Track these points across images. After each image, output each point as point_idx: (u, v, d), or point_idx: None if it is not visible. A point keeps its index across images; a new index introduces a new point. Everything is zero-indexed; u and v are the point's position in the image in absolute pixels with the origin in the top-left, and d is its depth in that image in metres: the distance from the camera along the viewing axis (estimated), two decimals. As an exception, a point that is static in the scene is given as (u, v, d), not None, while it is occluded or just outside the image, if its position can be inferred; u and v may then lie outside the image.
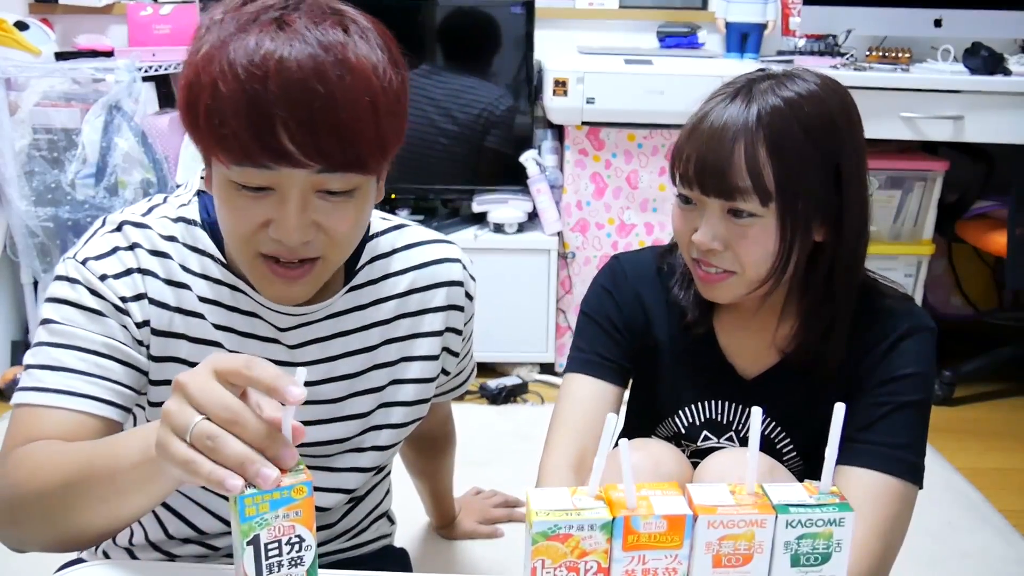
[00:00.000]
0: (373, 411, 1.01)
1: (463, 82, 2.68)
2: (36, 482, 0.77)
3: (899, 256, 2.63)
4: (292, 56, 0.74)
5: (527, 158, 2.65)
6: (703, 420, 1.12)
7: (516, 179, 2.69)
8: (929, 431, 1.02)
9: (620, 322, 1.12)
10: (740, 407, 1.10)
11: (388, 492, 1.20)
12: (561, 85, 2.51)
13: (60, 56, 2.48)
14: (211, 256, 0.92)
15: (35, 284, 2.57)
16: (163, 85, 2.82)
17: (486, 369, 2.70)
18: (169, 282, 0.90)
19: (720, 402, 1.11)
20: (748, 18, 2.77)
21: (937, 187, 2.56)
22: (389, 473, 1.19)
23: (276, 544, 0.65)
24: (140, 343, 0.90)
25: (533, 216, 2.72)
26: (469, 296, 1.07)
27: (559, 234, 2.68)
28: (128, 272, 0.89)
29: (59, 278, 0.89)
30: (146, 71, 2.52)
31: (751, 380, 1.09)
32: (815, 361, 1.03)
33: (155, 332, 0.90)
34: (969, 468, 2.27)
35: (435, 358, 1.04)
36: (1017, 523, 2.04)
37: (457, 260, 1.05)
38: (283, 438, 0.63)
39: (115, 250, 0.89)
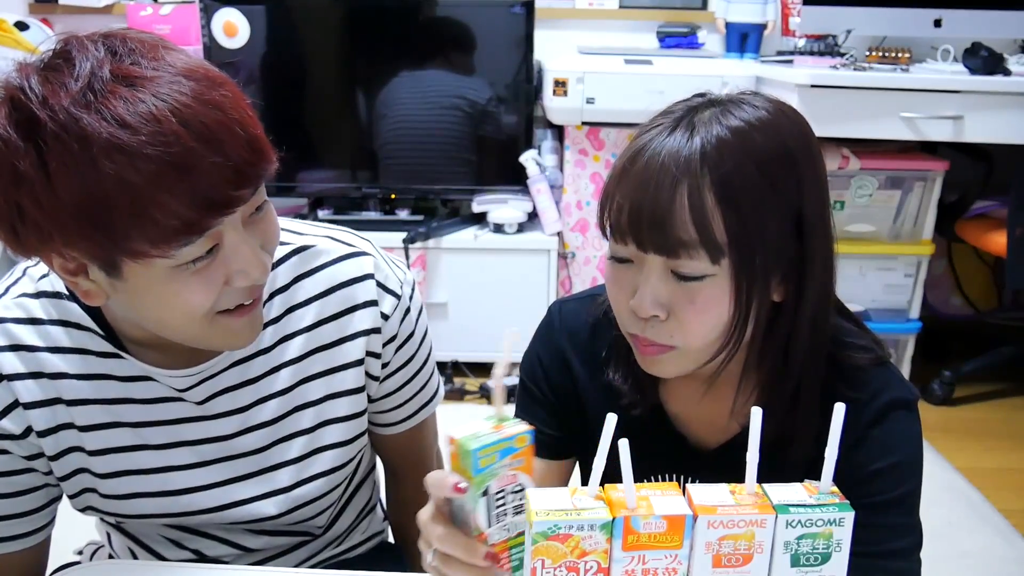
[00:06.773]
0: (303, 457, 0.96)
1: (463, 82, 2.68)
2: None
3: (899, 256, 2.63)
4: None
5: (527, 158, 2.65)
6: None
7: (516, 179, 2.69)
8: (929, 431, 0.95)
9: (548, 387, 0.97)
10: (699, 482, 0.95)
11: (375, 488, 1.17)
12: (561, 85, 2.51)
13: (60, 56, 2.47)
14: (87, 328, 0.87)
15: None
16: (163, 85, 2.82)
17: (486, 369, 2.70)
18: (40, 375, 0.87)
19: (673, 477, 0.96)
20: (748, 18, 2.77)
21: (937, 187, 2.56)
22: (373, 469, 1.15)
23: (502, 493, 0.67)
24: (23, 457, 0.88)
25: (533, 216, 2.72)
26: (384, 316, 0.94)
27: (559, 234, 2.69)
28: None
29: None
30: (146, 71, 2.52)
31: (710, 452, 0.93)
32: (783, 436, 0.85)
33: (41, 434, 0.88)
34: (969, 468, 2.27)
35: (360, 390, 0.96)
36: (1017, 523, 2.04)
37: (367, 276, 0.94)
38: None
39: None
